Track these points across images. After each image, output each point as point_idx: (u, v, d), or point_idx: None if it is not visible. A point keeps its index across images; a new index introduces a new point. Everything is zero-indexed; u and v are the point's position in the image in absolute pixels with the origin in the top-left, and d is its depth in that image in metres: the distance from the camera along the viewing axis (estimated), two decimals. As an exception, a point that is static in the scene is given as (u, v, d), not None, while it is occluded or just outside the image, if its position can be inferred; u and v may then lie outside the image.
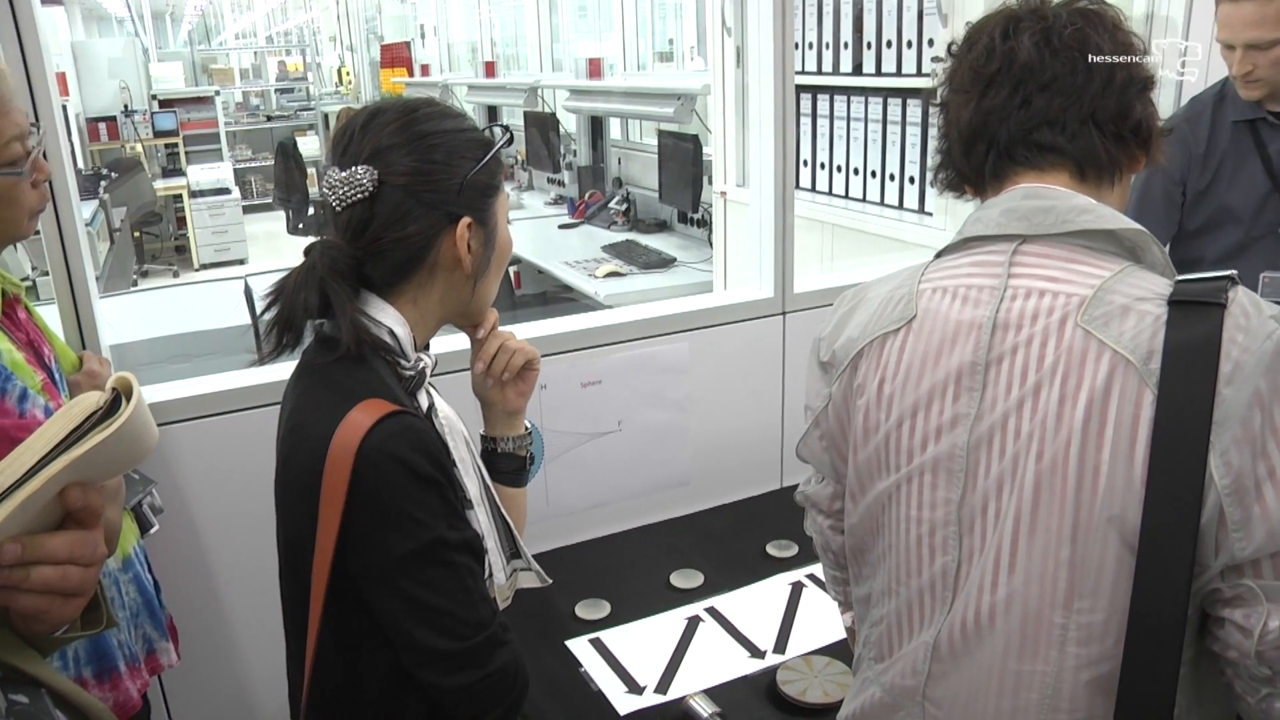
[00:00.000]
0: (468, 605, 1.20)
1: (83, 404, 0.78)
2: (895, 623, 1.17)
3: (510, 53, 8.92)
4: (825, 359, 1.23)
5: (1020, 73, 1.08)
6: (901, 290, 1.15)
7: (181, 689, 2.05)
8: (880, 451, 1.14)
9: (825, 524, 1.38)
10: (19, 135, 1.39)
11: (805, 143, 3.79)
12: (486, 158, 1.28)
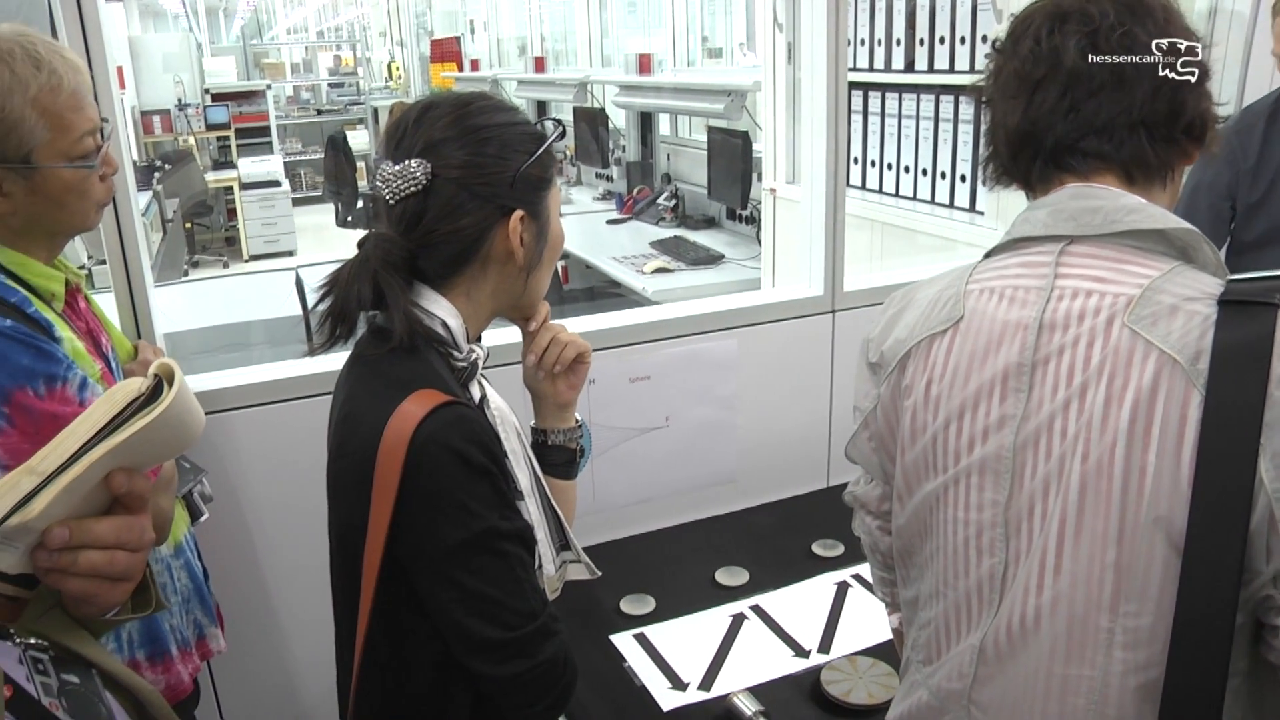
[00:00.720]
0: (518, 595, 1.20)
1: (125, 390, 0.79)
2: (943, 625, 1.15)
3: (559, 48, 8.93)
4: (874, 360, 1.22)
5: (1066, 78, 1.06)
6: (949, 291, 1.14)
7: (229, 675, 2.08)
8: (928, 453, 1.13)
9: (874, 525, 1.37)
10: (92, 130, 1.42)
11: (855, 140, 3.76)
12: (539, 151, 1.28)
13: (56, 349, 1.38)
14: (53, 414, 1.34)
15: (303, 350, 1.32)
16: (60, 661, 0.82)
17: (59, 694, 0.79)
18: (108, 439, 0.76)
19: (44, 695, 0.76)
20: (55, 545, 0.75)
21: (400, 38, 14.34)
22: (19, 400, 1.32)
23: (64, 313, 1.49)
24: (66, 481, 0.75)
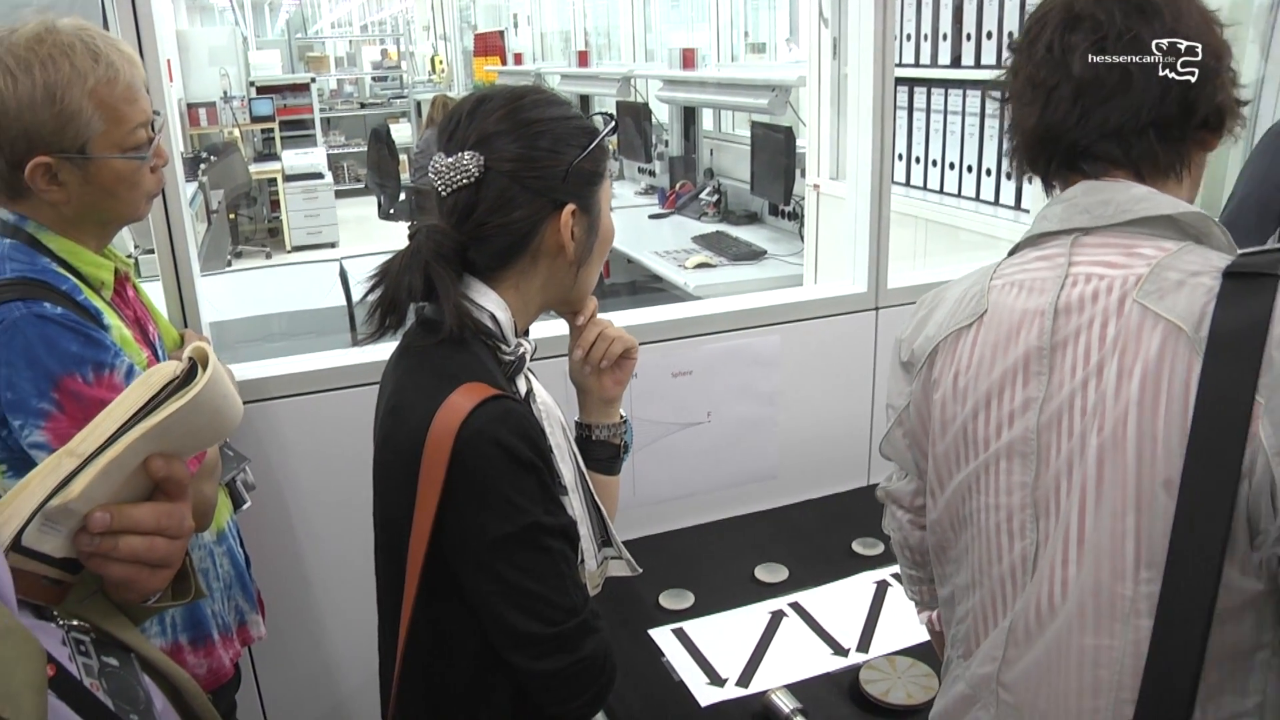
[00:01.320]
0: (561, 590, 1.21)
1: (159, 373, 0.79)
2: (980, 615, 1.16)
3: (603, 42, 8.93)
4: (905, 359, 1.25)
5: (1077, 85, 1.07)
6: (975, 288, 1.17)
7: (269, 661, 2.10)
8: (958, 442, 1.15)
9: (905, 519, 1.38)
10: (145, 122, 1.44)
11: (900, 136, 3.73)
12: (592, 145, 1.28)
13: (105, 336, 1.40)
14: (100, 400, 1.35)
15: (346, 341, 1.33)
16: (101, 644, 0.83)
17: (99, 675, 0.79)
18: (143, 421, 0.77)
19: (85, 676, 0.77)
20: (97, 529, 0.77)
21: (444, 32, 14.41)
22: (68, 386, 1.34)
23: (112, 301, 1.51)
24: (104, 463, 0.76)
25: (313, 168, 11.03)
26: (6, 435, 1.36)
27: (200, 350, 0.80)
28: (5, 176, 1.38)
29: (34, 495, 0.75)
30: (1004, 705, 1.12)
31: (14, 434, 1.35)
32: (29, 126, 1.34)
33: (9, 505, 0.75)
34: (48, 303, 1.35)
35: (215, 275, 5.56)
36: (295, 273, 4.93)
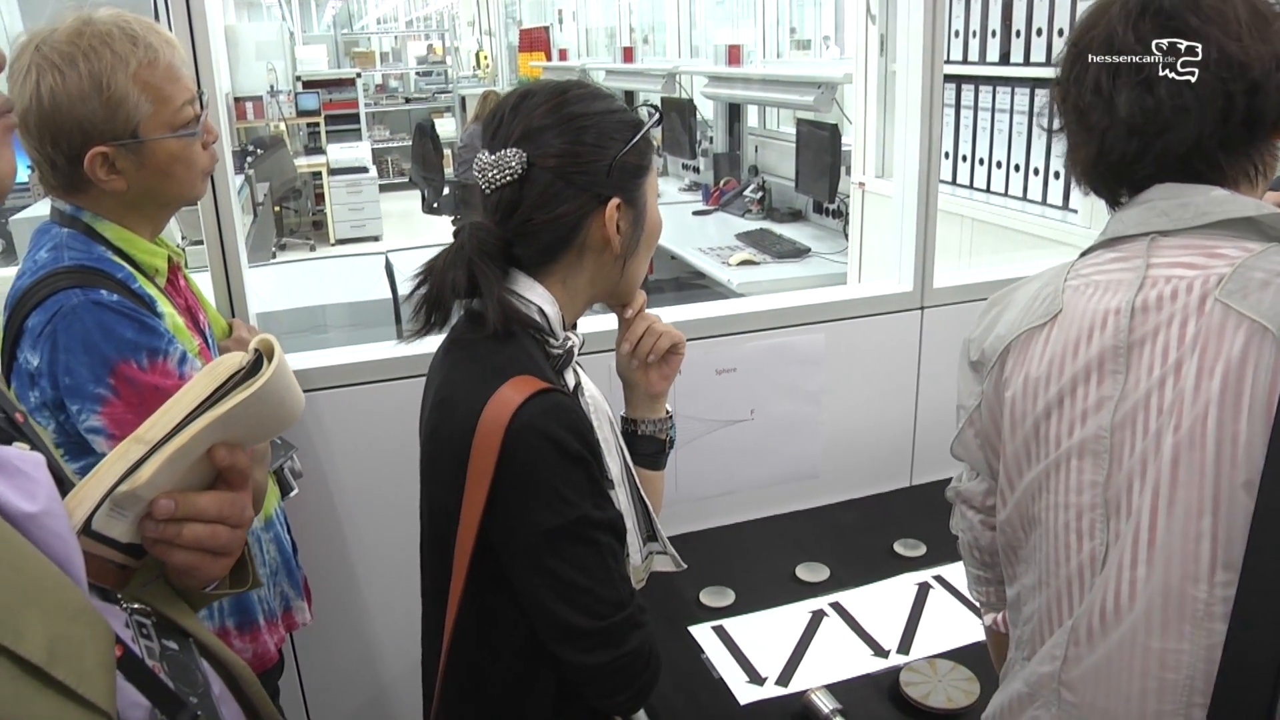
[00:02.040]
0: (608, 584, 1.21)
1: (226, 363, 0.81)
2: (1045, 616, 1.15)
3: (648, 38, 8.93)
4: (975, 358, 1.23)
5: (1128, 125, 1.07)
6: (1048, 289, 1.16)
7: (312, 647, 2.12)
8: (1029, 442, 1.14)
9: (976, 519, 1.35)
10: (190, 99, 1.47)
11: (947, 134, 3.70)
12: (636, 138, 1.28)
13: (159, 323, 1.42)
14: (155, 386, 1.38)
15: (391, 333, 1.34)
16: (161, 628, 0.84)
17: (160, 658, 0.81)
18: (210, 410, 0.78)
19: (147, 658, 0.79)
20: (162, 515, 0.79)
21: (489, 27, 14.47)
22: (123, 372, 1.36)
23: (165, 289, 1.53)
24: (171, 451, 0.77)
25: (357, 162, 11.10)
26: (64, 420, 1.38)
27: (266, 342, 0.81)
28: (65, 172, 1.41)
29: (103, 481, 0.77)
30: (1066, 705, 1.11)
31: (71, 419, 1.37)
32: (82, 118, 1.37)
33: (81, 490, 0.77)
34: (104, 290, 1.38)
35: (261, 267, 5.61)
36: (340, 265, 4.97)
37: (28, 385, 1.38)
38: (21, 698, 0.62)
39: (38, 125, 1.37)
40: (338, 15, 17.27)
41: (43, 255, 1.43)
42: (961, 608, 1.92)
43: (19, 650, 0.62)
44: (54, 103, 1.36)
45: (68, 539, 0.72)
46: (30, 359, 1.37)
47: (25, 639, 0.62)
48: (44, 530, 0.70)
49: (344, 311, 3.89)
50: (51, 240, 1.44)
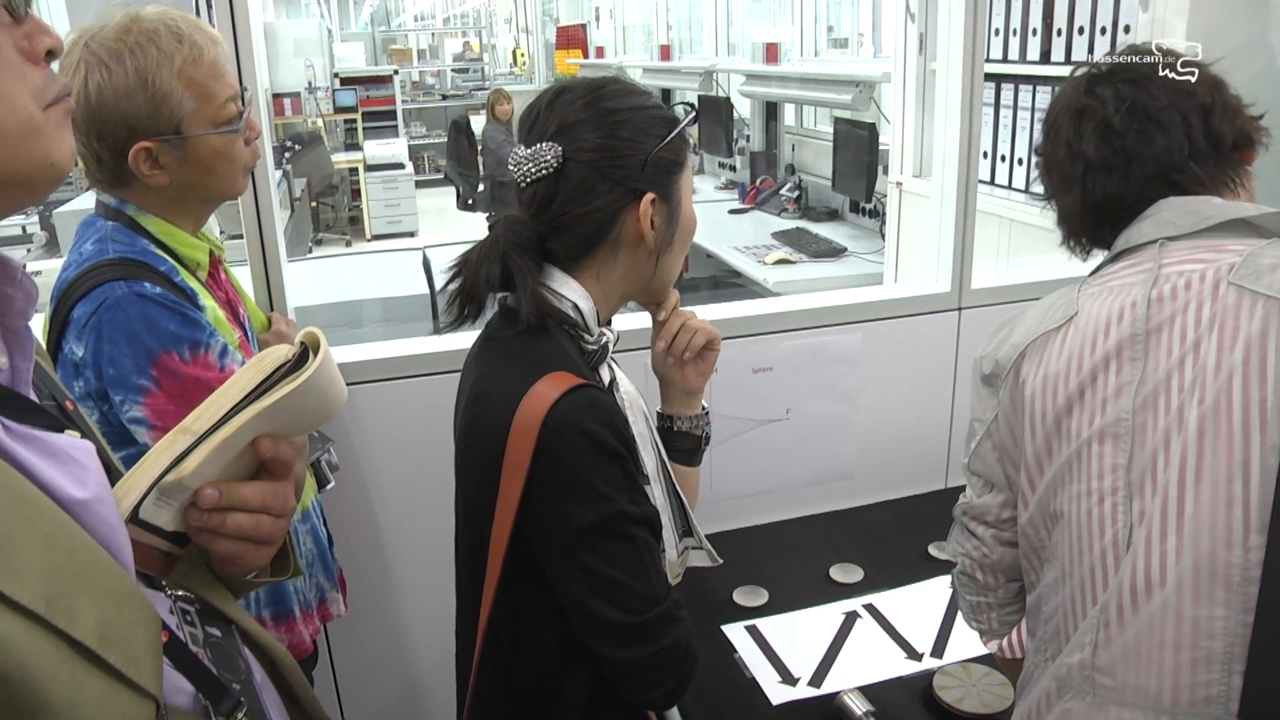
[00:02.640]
0: (644, 579, 1.20)
1: (272, 356, 0.82)
2: (1069, 608, 1.14)
3: (685, 36, 8.92)
4: (988, 372, 1.26)
5: (1100, 166, 1.19)
6: (1061, 299, 1.21)
7: (345, 639, 2.13)
8: (1050, 438, 1.16)
9: (989, 534, 1.34)
10: (233, 96, 1.48)
11: (985, 133, 3.66)
12: (671, 134, 1.28)
13: (200, 316, 1.43)
14: (196, 378, 1.39)
15: (428, 328, 1.34)
16: (205, 615, 0.85)
17: (204, 644, 0.82)
18: (256, 402, 0.79)
19: (192, 644, 0.80)
20: (206, 505, 0.80)
21: (526, 24, 14.51)
22: (165, 363, 1.38)
23: (206, 282, 1.55)
24: (217, 442, 0.78)
25: (394, 158, 11.16)
26: (107, 410, 1.40)
27: (312, 335, 0.82)
28: (110, 166, 1.43)
29: (151, 471, 0.78)
30: (1102, 689, 1.10)
31: (114, 409, 1.39)
32: (127, 114, 1.39)
33: (129, 479, 0.78)
34: (147, 283, 1.39)
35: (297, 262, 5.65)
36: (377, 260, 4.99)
37: (72, 375, 1.40)
38: (76, 678, 0.63)
39: (84, 120, 1.39)
40: (375, 12, 17.36)
41: (88, 248, 1.45)
42: (996, 612, 1.91)
43: (73, 633, 0.63)
44: (100, 98, 1.38)
45: (117, 526, 0.73)
46: (75, 349, 1.39)
47: (78, 622, 0.63)
48: (94, 517, 0.71)
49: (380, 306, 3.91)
50: (96, 233, 1.46)
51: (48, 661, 0.61)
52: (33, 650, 0.60)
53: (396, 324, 3.74)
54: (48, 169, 0.69)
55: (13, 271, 0.73)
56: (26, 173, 0.68)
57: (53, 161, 0.69)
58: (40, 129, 0.67)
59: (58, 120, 0.69)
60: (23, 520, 0.64)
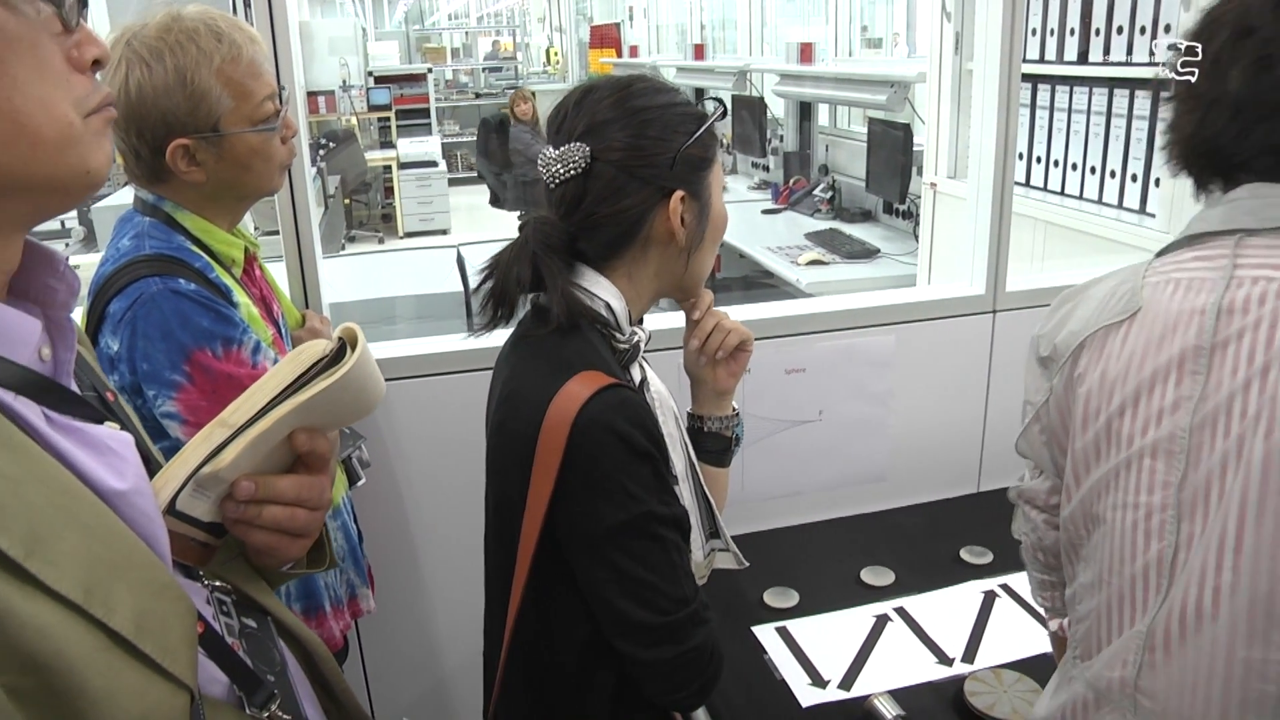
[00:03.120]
0: (672, 580, 1.20)
1: (310, 351, 0.82)
2: (1104, 614, 1.12)
3: (718, 35, 8.90)
4: (1045, 354, 1.21)
5: (1235, 103, 1.04)
6: (1125, 286, 1.13)
7: (375, 635, 2.14)
8: (1100, 439, 1.11)
9: (1040, 518, 1.33)
10: (270, 95, 1.49)
11: (1021, 134, 3.63)
12: (700, 131, 1.27)
13: (234, 313, 1.44)
14: (228, 374, 1.40)
15: (461, 326, 1.35)
16: (241, 606, 0.86)
17: (240, 635, 0.83)
18: (293, 397, 0.80)
19: (227, 635, 0.81)
20: (242, 497, 0.81)
21: (559, 23, 14.53)
22: (198, 359, 1.39)
23: (241, 279, 1.56)
24: (254, 435, 0.79)
25: (427, 156, 11.20)
26: (140, 404, 1.41)
27: (350, 330, 0.82)
28: (148, 162, 1.45)
29: (188, 463, 0.79)
30: (1145, 711, 1.08)
31: (147, 403, 1.40)
32: (166, 111, 1.41)
33: (167, 470, 0.79)
34: (182, 279, 1.40)
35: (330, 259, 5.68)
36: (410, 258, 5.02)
37: (108, 369, 1.41)
38: (113, 667, 0.64)
39: (124, 116, 1.41)
40: (409, 11, 17.44)
41: (125, 243, 1.46)
42: (1028, 618, 1.89)
43: (110, 622, 0.64)
44: (140, 95, 1.39)
45: (154, 517, 0.74)
46: (110, 344, 1.40)
47: (115, 612, 0.64)
48: (132, 508, 0.71)
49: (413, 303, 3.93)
50: (134, 229, 1.48)
51: (85, 650, 0.62)
52: (70, 639, 0.61)
53: (430, 321, 3.75)
54: (84, 176, 0.69)
55: (56, 264, 0.74)
56: (63, 180, 0.68)
57: (89, 169, 0.70)
58: (78, 137, 0.68)
59: (97, 129, 0.70)
60: (63, 510, 0.65)
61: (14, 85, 0.64)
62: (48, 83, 0.66)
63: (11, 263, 0.71)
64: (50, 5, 0.66)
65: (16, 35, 0.64)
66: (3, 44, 0.63)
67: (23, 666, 0.59)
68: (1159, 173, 2.99)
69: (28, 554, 0.60)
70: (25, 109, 0.64)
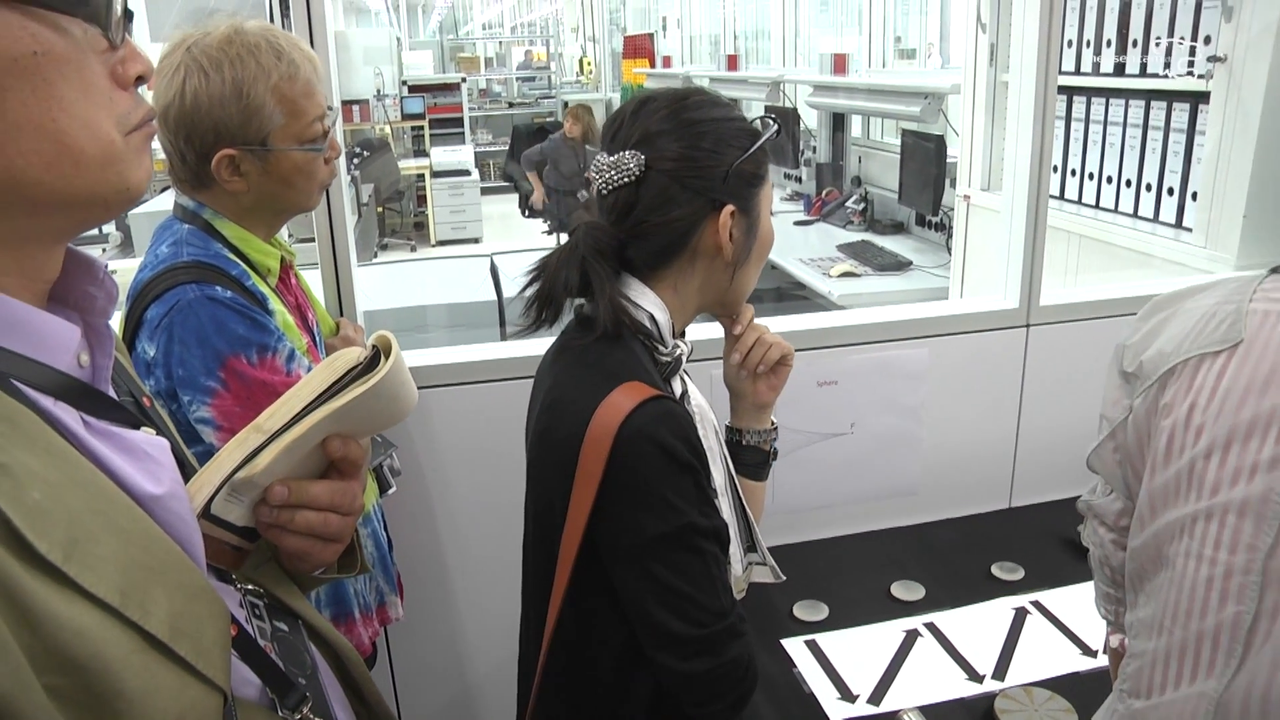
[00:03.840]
0: (711, 593, 1.20)
1: (344, 358, 0.83)
2: (1162, 661, 1.07)
3: (751, 46, 8.90)
4: (1130, 369, 1.13)
5: None
6: (1227, 307, 1.04)
7: (403, 643, 2.15)
8: (1181, 478, 1.03)
9: (1108, 538, 1.29)
10: (320, 116, 1.52)
11: (1056, 147, 3.60)
12: (754, 147, 1.28)
13: (269, 321, 1.46)
14: (263, 381, 1.41)
15: (494, 335, 1.35)
16: (273, 609, 0.87)
17: (271, 638, 0.84)
18: (327, 403, 0.81)
19: (259, 638, 0.82)
20: (276, 501, 0.82)
21: (593, 33, 14.58)
22: (233, 366, 1.40)
23: (277, 287, 1.58)
24: (288, 441, 0.79)
25: (460, 165, 11.26)
26: (175, 409, 1.42)
27: (384, 338, 0.83)
28: (193, 167, 1.47)
29: (223, 467, 0.80)
30: None
31: (182, 409, 1.42)
32: (218, 121, 1.43)
33: (202, 475, 0.80)
34: (219, 286, 1.42)
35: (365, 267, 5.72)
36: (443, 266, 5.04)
37: (144, 374, 1.43)
38: (149, 669, 0.65)
39: (176, 120, 1.44)
40: (444, 21, 17.58)
41: (164, 250, 1.48)
42: (1060, 636, 1.87)
43: (145, 625, 0.65)
44: (195, 102, 1.42)
45: (189, 521, 0.75)
46: (147, 349, 1.42)
47: (151, 615, 0.66)
48: (168, 512, 0.72)
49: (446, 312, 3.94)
50: (173, 236, 1.49)
51: (122, 652, 0.63)
52: (108, 640, 0.63)
53: (463, 329, 3.76)
54: (123, 193, 0.70)
55: (96, 272, 0.75)
56: (103, 195, 0.69)
57: (128, 186, 0.71)
58: (119, 154, 0.69)
59: (138, 145, 0.71)
60: (100, 515, 0.66)
61: (60, 105, 0.65)
62: (92, 102, 0.67)
63: (53, 272, 0.72)
64: (95, 25, 0.67)
65: (64, 57, 0.65)
66: (50, 65, 0.64)
67: (61, 667, 0.60)
68: (1196, 186, 2.96)
69: (66, 557, 0.61)
70: (70, 129, 0.65)
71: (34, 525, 0.61)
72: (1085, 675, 1.74)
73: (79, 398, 0.70)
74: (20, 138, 0.64)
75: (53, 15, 0.64)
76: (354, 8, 14.67)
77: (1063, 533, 2.19)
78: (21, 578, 0.59)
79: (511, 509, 1.39)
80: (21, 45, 0.63)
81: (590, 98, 12.67)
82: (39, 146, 0.64)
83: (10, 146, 0.63)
